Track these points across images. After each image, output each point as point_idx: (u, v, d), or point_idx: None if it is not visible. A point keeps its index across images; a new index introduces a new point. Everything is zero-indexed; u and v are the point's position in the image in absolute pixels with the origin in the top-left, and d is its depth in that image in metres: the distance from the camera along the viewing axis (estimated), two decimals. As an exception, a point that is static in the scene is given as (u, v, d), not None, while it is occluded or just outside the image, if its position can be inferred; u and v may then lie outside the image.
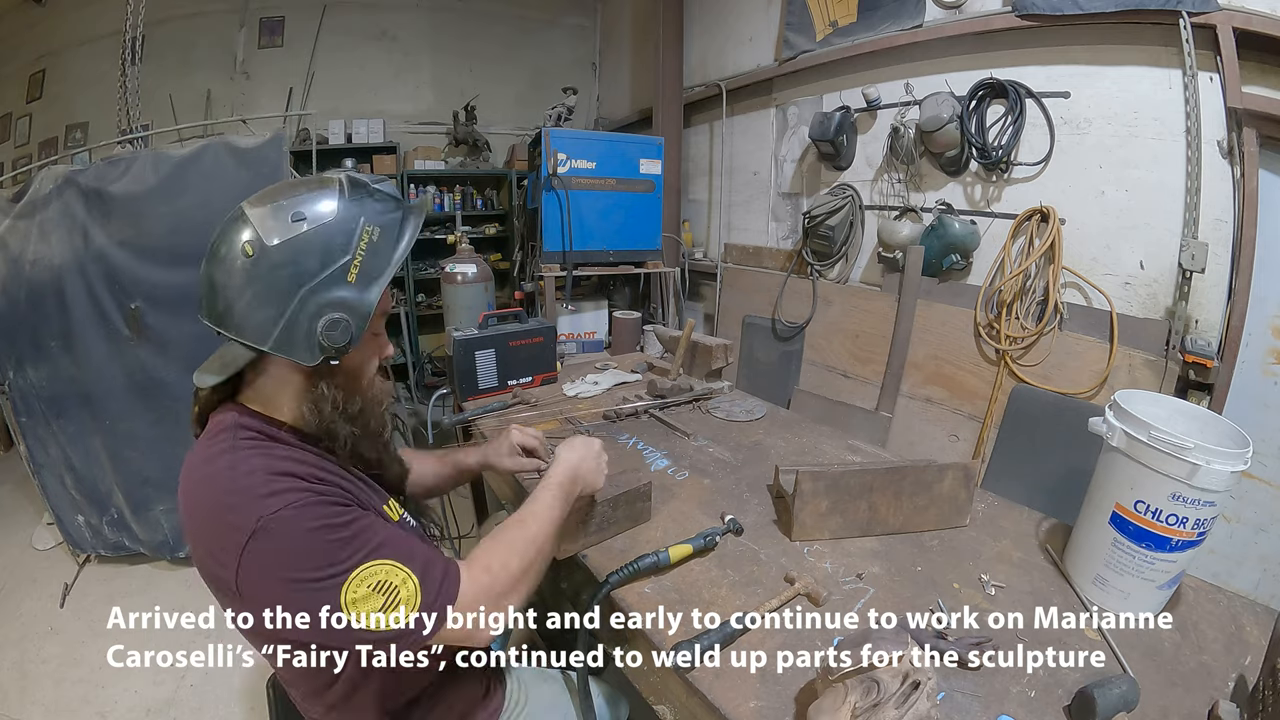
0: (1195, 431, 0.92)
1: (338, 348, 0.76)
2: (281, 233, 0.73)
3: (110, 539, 2.55)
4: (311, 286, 0.74)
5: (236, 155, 2.39)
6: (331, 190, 0.77)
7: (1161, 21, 1.89)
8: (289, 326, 0.73)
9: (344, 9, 4.51)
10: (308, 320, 0.74)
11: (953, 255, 2.44)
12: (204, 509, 0.72)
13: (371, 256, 0.77)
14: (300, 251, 0.73)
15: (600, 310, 3.37)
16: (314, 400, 0.80)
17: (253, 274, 0.72)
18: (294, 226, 0.73)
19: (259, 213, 0.74)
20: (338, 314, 0.75)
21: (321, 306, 0.74)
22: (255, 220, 0.73)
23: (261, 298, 0.73)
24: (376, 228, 0.77)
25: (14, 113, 4.38)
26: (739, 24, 3.54)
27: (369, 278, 0.77)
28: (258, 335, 0.74)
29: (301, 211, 0.74)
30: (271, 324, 0.73)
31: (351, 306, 0.76)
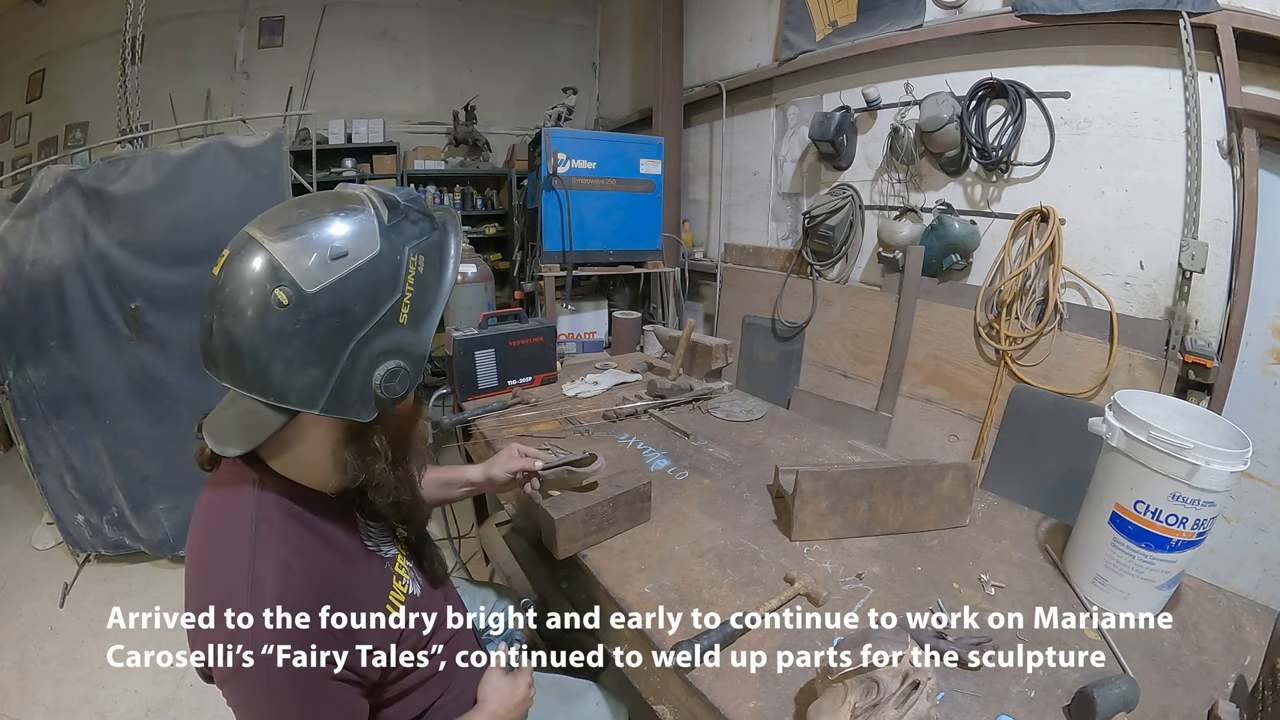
0: (1195, 431, 0.92)
1: (396, 399, 0.67)
2: (322, 275, 0.61)
3: (110, 538, 2.55)
4: (363, 336, 0.63)
5: (236, 155, 2.39)
6: (365, 215, 0.65)
7: (1161, 21, 1.89)
8: (341, 385, 0.63)
9: (344, 9, 4.52)
10: (362, 374, 0.64)
11: (953, 255, 2.44)
12: (211, 590, 0.66)
13: (420, 291, 0.67)
14: (346, 297, 0.62)
15: (600, 310, 3.37)
16: (360, 456, 0.71)
17: (290, 329, 0.60)
18: (334, 266, 0.62)
19: (285, 249, 0.61)
20: (395, 363, 0.65)
21: (376, 356, 0.64)
22: (283, 259, 0.61)
23: (305, 356, 0.62)
24: (421, 256, 0.67)
25: (14, 112, 4.38)
26: (739, 24, 3.54)
27: (420, 315, 0.67)
28: (304, 399, 0.63)
29: (342, 248, 0.62)
30: (320, 385, 0.63)
31: (407, 351, 0.67)
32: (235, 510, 0.68)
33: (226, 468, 0.71)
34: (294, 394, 0.63)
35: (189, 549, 0.70)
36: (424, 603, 0.89)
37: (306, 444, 0.70)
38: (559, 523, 1.09)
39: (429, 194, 4.74)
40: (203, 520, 0.71)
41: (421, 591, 0.90)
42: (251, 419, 0.65)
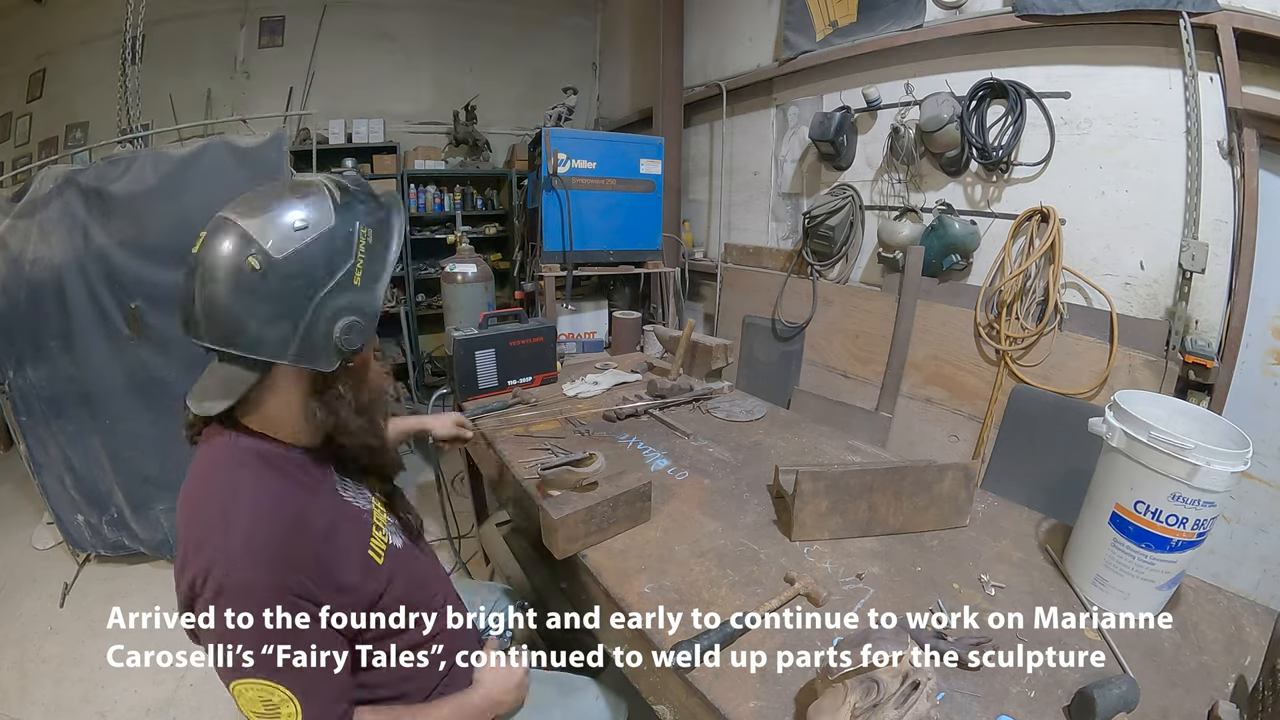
0: (1195, 432, 0.92)
1: (353, 350, 0.77)
2: (287, 243, 0.72)
3: (110, 538, 2.55)
4: (324, 294, 0.74)
5: (237, 155, 2.39)
6: (322, 196, 0.76)
7: (1161, 22, 1.89)
8: (307, 336, 0.74)
9: (344, 9, 4.51)
10: (324, 327, 0.75)
11: (953, 255, 2.44)
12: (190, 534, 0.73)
13: (370, 258, 0.78)
14: (309, 260, 0.73)
15: (600, 310, 3.37)
16: (328, 403, 0.80)
17: (262, 288, 0.71)
18: (297, 236, 0.72)
19: (255, 224, 0.72)
20: (351, 317, 0.76)
21: (336, 312, 0.75)
22: (254, 232, 0.71)
23: (276, 312, 0.72)
24: (369, 229, 0.78)
25: (14, 112, 4.38)
26: (739, 24, 3.54)
27: (372, 279, 0.78)
28: (276, 350, 0.73)
29: (304, 220, 0.73)
30: (289, 336, 0.73)
31: (362, 308, 0.77)
32: (214, 462, 0.77)
33: (208, 435, 0.80)
34: (267, 345, 0.73)
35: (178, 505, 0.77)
36: (404, 556, 0.93)
37: (277, 400, 0.79)
38: (559, 523, 1.09)
39: (429, 194, 4.74)
40: (189, 476, 0.78)
41: (403, 545, 0.94)
42: (231, 380, 0.75)
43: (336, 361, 0.77)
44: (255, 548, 0.70)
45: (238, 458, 0.76)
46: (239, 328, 0.71)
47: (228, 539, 0.69)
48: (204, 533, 0.71)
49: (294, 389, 0.79)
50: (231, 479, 0.74)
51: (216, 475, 0.75)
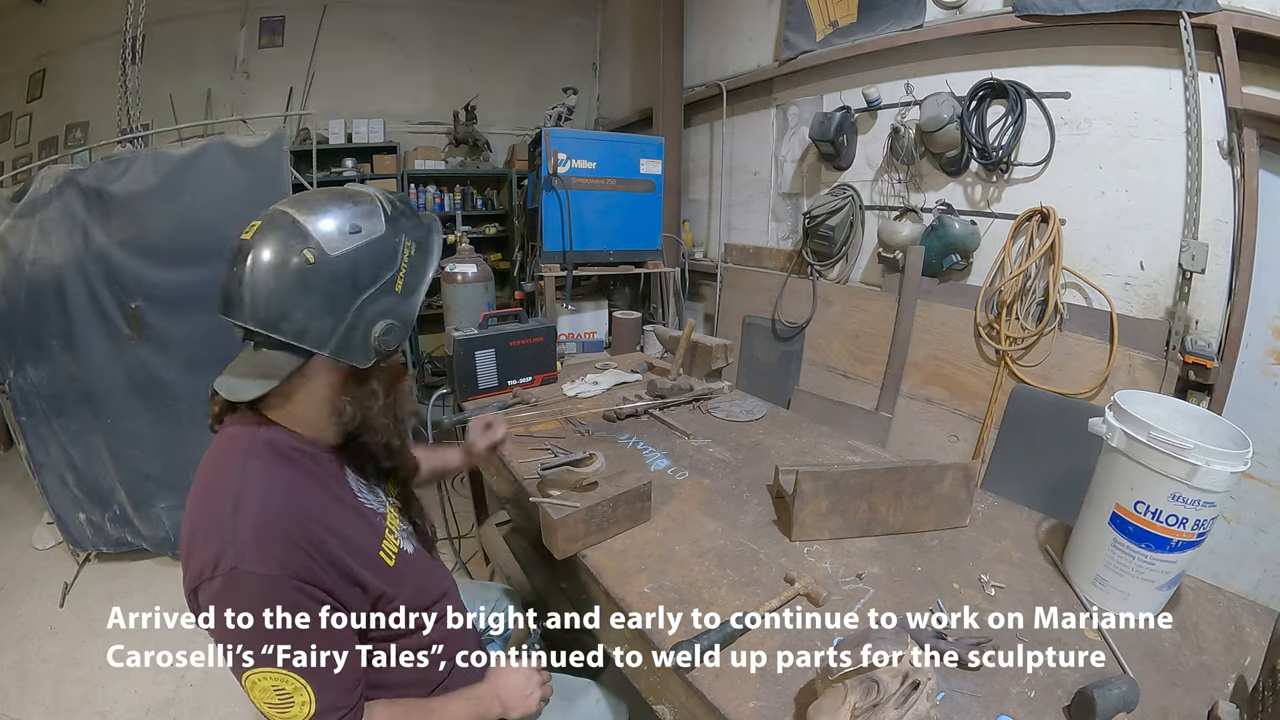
0: (1195, 432, 0.92)
1: (389, 351, 0.81)
2: (341, 243, 0.76)
3: (112, 535, 2.56)
4: (368, 295, 0.78)
5: (237, 155, 2.39)
6: (375, 206, 0.81)
7: (1161, 22, 1.89)
8: (348, 333, 0.77)
9: (344, 9, 4.51)
10: (365, 326, 0.78)
11: (953, 255, 2.44)
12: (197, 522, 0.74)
13: (411, 270, 0.82)
14: (358, 263, 0.77)
15: (600, 310, 3.37)
16: (359, 399, 0.83)
17: (313, 281, 0.74)
18: (351, 239, 0.77)
19: (312, 221, 0.76)
20: (390, 320, 0.80)
21: (377, 314, 0.79)
22: (311, 229, 0.75)
23: (322, 305, 0.75)
24: (413, 243, 0.83)
25: (14, 112, 4.38)
26: (739, 24, 3.54)
27: (410, 288, 0.82)
28: (317, 340, 0.76)
29: (358, 225, 0.78)
30: (331, 331, 0.76)
31: (400, 314, 0.81)
32: (229, 450, 0.78)
33: (229, 423, 0.81)
34: (310, 335, 0.75)
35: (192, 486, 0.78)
36: (414, 562, 0.93)
37: (307, 393, 0.81)
38: (559, 523, 1.09)
39: (429, 194, 4.74)
40: (204, 462, 0.80)
41: (414, 550, 0.95)
42: (267, 367, 0.77)
43: (372, 359, 0.80)
44: (265, 537, 0.70)
45: (254, 449, 0.77)
46: (285, 315, 0.74)
47: (237, 528, 0.70)
48: (214, 521, 0.72)
49: (326, 383, 0.81)
50: (245, 469, 0.75)
51: (231, 464, 0.76)
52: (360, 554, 0.81)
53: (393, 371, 0.88)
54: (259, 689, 0.70)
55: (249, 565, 0.68)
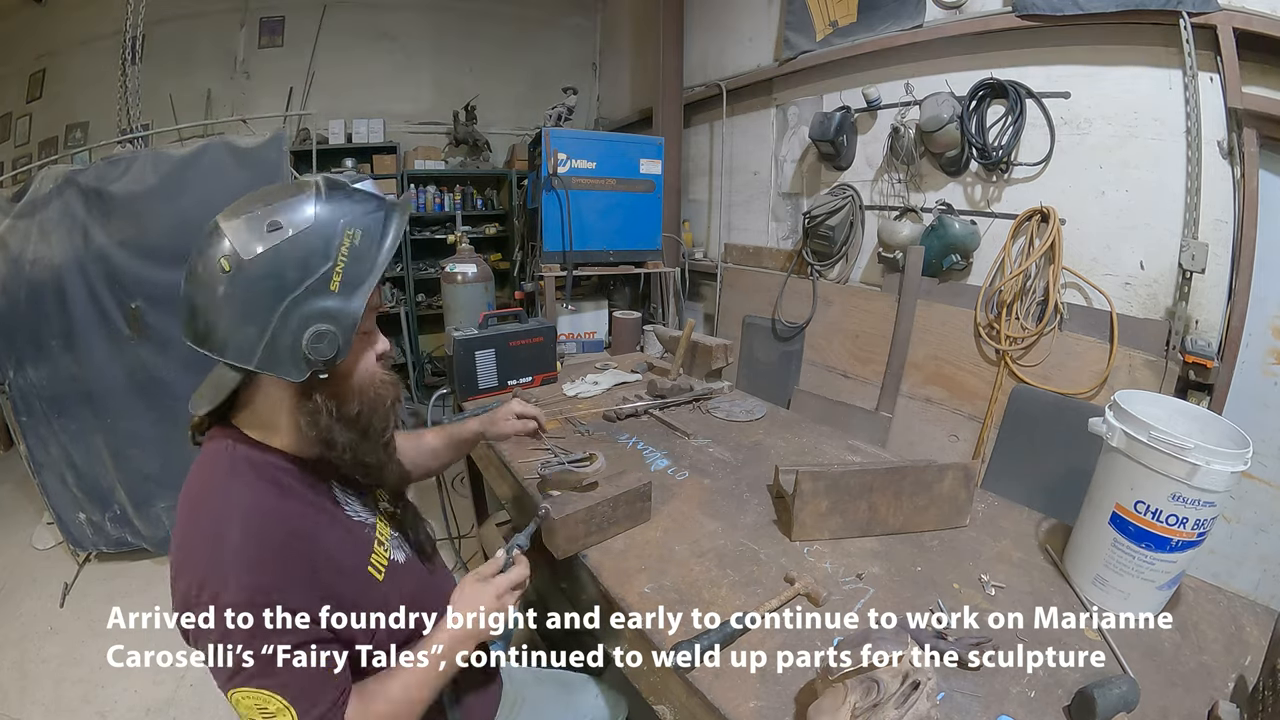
0: (1195, 432, 0.92)
1: (324, 360, 0.72)
2: (258, 244, 0.69)
3: (113, 535, 2.56)
4: (293, 299, 0.70)
5: (236, 155, 2.39)
6: (308, 194, 0.73)
7: (1161, 22, 1.89)
8: (272, 343, 0.70)
9: (344, 9, 4.51)
10: (291, 335, 0.70)
11: (953, 255, 2.44)
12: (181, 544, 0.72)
13: (354, 262, 0.73)
14: (278, 263, 0.69)
15: (600, 310, 3.37)
16: (309, 413, 0.76)
17: (230, 290, 0.69)
18: (270, 236, 0.69)
19: (234, 225, 0.70)
20: (323, 325, 0.71)
21: (305, 319, 0.70)
22: (230, 233, 0.69)
23: (242, 314, 0.69)
24: (358, 230, 0.73)
25: (14, 112, 4.38)
26: (739, 24, 3.54)
27: (353, 284, 0.73)
28: (241, 354, 0.70)
29: (277, 220, 0.70)
30: (255, 341, 0.70)
31: (336, 316, 0.72)
32: (210, 469, 0.75)
33: (209, 438, 0.78)
34: (233, 349, 0.70)
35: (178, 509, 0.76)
36: (406, 572, 0.88)
37: (267, 404, 0.77)
38: (559, 523, 1.09)
39: (429, 194, 4.74)
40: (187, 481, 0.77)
41: (405, 560, 0.90)
42: (215, 380, 0.76)
43: (305, 372, 0.71)
44: (247, 560, 0.68)
45: (233, 467, 0.74)
46: (209, 329, 0.70)
47: (220, 552, 0.68)
48: (197, 544, 0.70)
49: (281, 396, 0.76)
50: (225, 489, 0.73)
51: (212, 485, 0.74)
52: (346, 570, 0.78)
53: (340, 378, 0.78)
54: (243, 705, 0.69)
55: (232, 588, 0.66)
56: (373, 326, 0.83)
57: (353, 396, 0.80)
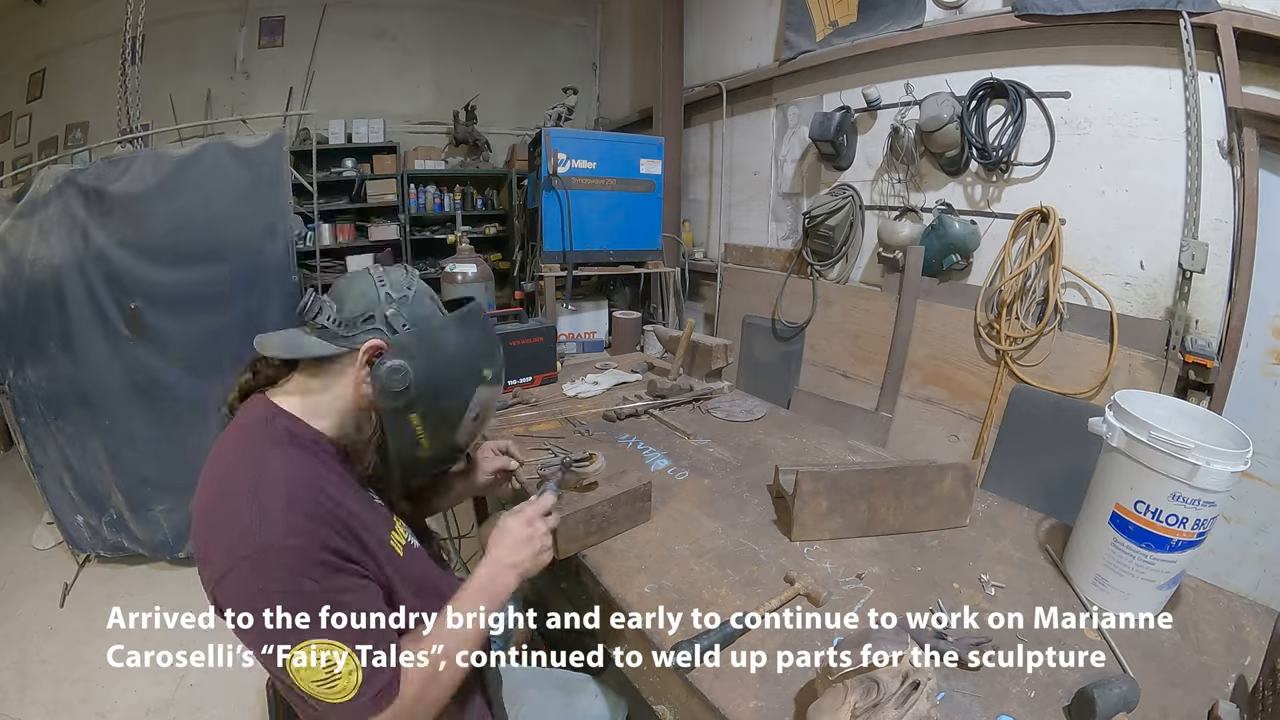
0: (1195, 432, 0.92)
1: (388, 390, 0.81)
2: None
3: (109, 539, 2.55)
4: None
5: (237, 155, 2.39)
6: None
7: (1161, 22, 1.89)
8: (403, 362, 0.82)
9: (344, 9, 4.52)
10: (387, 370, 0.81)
11: (953, 255, 2.44)
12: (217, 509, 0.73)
13: (433, 354, 0.85)
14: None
15: (600, 310, 3.37)
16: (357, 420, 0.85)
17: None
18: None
19: None
20: (403, 363, 0.82)
21: (395, 369, 0.81)
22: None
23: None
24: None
25: (14, 112, 4.38)
26: (739, 24, 3.54)
27: (433, 365, 0.85)
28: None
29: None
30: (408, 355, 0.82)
31: (418, 369, 0.83)
32: (245, 436, 0.78)
33: (247, 407, 0.83)
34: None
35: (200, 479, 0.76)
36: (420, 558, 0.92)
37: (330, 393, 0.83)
38: (559, 523, 1.09)
39: (429, 194, 4.74)
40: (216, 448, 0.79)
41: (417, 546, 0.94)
42: (295, 342, 0.83)
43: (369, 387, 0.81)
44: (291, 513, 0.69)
45: (274, 436, 0.77)
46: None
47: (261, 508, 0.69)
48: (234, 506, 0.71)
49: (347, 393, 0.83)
50: (260, 453, 0.75)
51: (248, 449, 0.76)
52: (376, 539, 0.81)
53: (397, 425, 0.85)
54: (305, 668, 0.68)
55: (278, 540, 0.67)
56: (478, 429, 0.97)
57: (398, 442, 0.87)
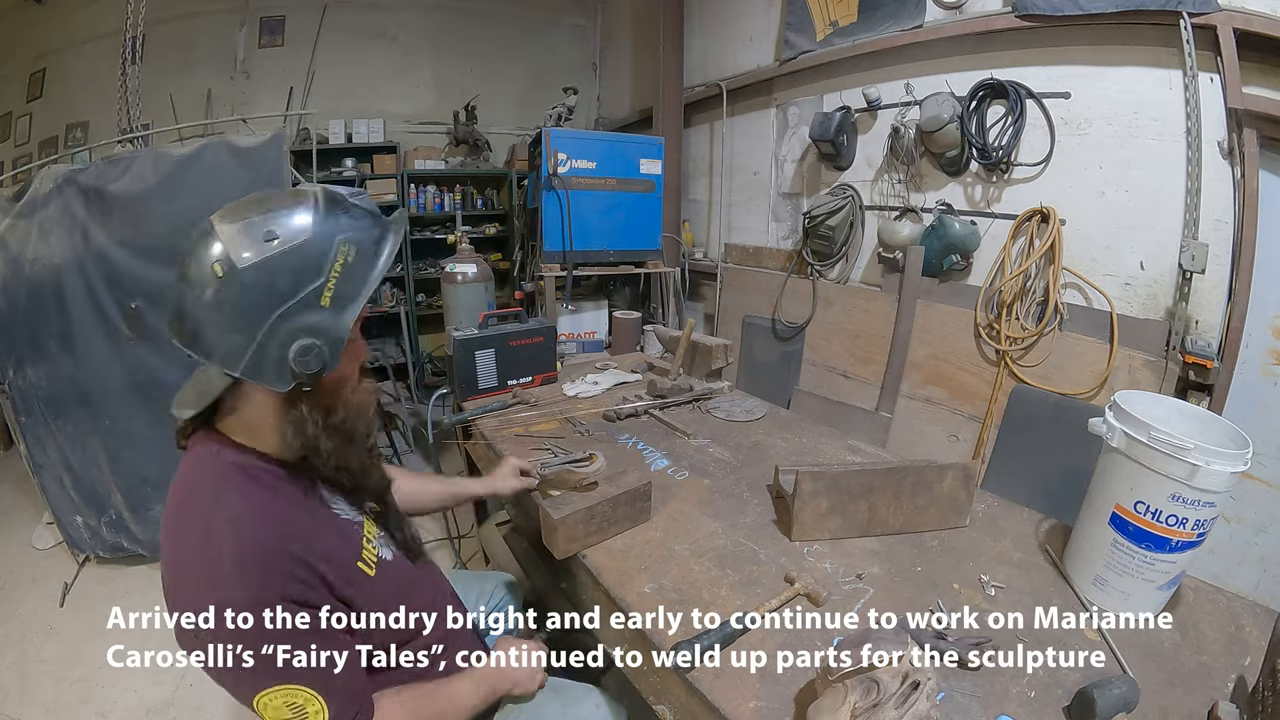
0: (1195, 432, 0.92)
1: (310, 374, 0.72)
2: (253, 252, 0.69)
3: (109, 540, 2.55)
4: (283, 311, 0.70)
5: (237, 155, 2.39)
6: (306, 205, 0.73)
7: (1162, 22, 1.89)
8: (259, 353, 0.70)
9: (344, 8, 4.51)
10: (278, 347, 0.70)
11: (953, 255, 2.44)
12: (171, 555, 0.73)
13: (346, 279, 0.73)
14: (272, 273, 0.69)
15: (600, 310, 3.37)
16: (294, 422, 0.77)
17: (221, 296, 0.68)
18: (266, 246, 0.69)
19: (230, 229, 0.70)
20: (311, 340, 0.71)
21: (294, 332, 0.70)
22: (225, 237, 0.69)
23: (231, 321, 0.69)
24: (352, 246, 0.73)
25: (14, 112, 4.38)
26: (739, 24, 3.54)
27: (343, 301, 0.73)
28: (228, 361, 0.70)
29: (274, 230, 0.70)
30: (242, 349, 0.69)
31: (324, 332, 0.72)
32: (196, 475, 0.75)
33: (194, 442, 0.79)
34: (220, 355, 0.70)
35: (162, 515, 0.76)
36: (395, 569, 0.90)
37: (252, 409, 0.77)
38: (559, 523, 1.09)
39: (429, 194, 4.74)
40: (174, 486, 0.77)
41: (393, 558, 0.91)
42: (200, 383, 0.77)
43: (289, 384, 0.72)
44: (245, 562, 0.68)
45: (220, 470, 0.74)
46: (197, 332, 0.70)
47: (218, 557, 0.68)
48: (192, 551, 0.70)
49: (264, 402, 0.76)
50: (213, 492, 0.72)
51: (199, 489, 0.74)
52: (340, 567, 0.78)
53: (328, 390, 0.78)
54: (271, 708, 0.69)
55: (233, 594, 0.66)
56: (357, 335, 0.82)
57: (337, 405, 0.80)
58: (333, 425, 0.79)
